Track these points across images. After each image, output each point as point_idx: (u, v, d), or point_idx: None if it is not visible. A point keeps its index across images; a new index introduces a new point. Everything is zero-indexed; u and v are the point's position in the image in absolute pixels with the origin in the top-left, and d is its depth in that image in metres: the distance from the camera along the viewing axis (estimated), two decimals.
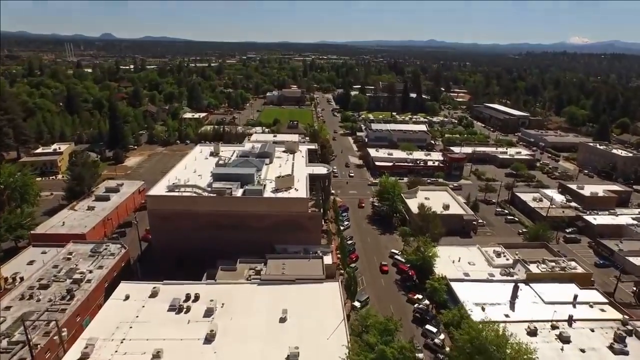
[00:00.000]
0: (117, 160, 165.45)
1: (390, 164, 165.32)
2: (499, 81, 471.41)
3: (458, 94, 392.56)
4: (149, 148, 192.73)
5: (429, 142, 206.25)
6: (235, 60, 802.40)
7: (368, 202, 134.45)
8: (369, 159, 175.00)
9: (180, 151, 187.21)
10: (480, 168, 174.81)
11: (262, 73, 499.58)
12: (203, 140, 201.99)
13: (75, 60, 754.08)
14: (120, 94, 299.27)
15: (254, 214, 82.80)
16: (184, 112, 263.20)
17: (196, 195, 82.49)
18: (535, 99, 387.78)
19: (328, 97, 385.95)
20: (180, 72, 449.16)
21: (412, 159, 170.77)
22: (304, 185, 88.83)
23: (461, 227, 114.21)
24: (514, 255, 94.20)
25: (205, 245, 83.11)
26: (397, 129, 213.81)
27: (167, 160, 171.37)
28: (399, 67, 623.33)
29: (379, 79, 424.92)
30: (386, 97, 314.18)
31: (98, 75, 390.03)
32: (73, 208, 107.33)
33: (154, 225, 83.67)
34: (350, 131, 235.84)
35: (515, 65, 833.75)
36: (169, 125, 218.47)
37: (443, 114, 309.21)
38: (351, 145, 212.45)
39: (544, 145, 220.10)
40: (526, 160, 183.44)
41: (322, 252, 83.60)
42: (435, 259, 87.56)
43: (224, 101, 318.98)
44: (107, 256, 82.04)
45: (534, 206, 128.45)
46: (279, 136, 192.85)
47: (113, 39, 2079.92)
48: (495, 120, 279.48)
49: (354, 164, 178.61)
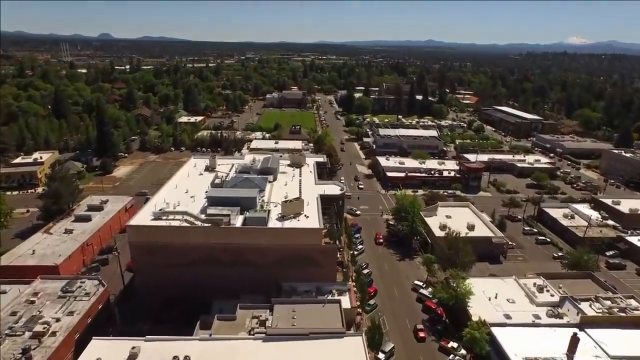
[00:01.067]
0: (105, 171, 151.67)
1: (402, 174, 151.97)
2: (504, 82, 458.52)
3: (464, 96, 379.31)
4: (141, 156, 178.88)
5: (441, 148, 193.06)
6: (233, 61, 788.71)
7: (381, 219, 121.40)
8: (378, 169, 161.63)
9: (174, 159, 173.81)
10: (498, 178, 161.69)
11: (262, 74, 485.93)
12: (199, 147, 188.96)
13: (72, 60, 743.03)
14: (114, 95, 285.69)
15: (257, 247, 69.41)
16: (180, 116, 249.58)
17: (187, 226, 68.94)
18: (543, 101, 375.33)
19: (330, 99, 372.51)
20: (177, 73, 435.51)
21: (426, 168, 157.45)
22: (316, 210, 75.35)
23: (489, 250, 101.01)
24: (558, 288, 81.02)
25: (198, 282, 69.86)
26: (406, 135, 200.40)
27: (160, 170, 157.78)
28: (400, 68, 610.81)
29: (382, 80, 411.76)
30: (392, 99, 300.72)
31: (92, 75, 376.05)
32: (48, 231, 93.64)
33: (137, 260, 70.07)
34: (355, 136, 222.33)
35: (517, 65, 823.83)
36: (163, 130, 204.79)
37: (451, 117, 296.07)
38: (358, 152, 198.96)
39: (561, 151, 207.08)
40: (546, 169, 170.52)
41: (337, 291, 70.26)
42: (470, 298, 74.33)
43: (222, 103, 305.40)
44: (81, 297, 68.44)
45: (567, 225, 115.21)
46: (281, 143, 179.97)
47: (111, 39, 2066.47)
48: (506, 124, 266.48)
49: (362, 173, 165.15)
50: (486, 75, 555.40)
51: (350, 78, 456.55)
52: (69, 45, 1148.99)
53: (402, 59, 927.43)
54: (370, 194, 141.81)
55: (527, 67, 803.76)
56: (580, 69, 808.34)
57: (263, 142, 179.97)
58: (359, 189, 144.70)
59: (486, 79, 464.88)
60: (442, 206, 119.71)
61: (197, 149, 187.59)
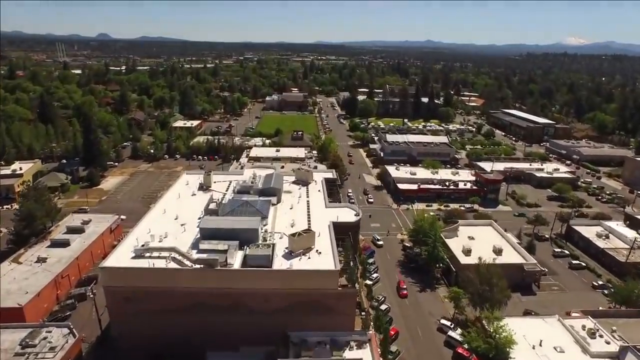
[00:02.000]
0: (92, 182, 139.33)
1: (414, 186, 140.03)
2: (509, 84, 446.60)
3: (470, 98, 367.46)
4: (132, 164, 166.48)
5: (453, 156, 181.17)
6: (232, 61, 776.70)
7: (395, 239, 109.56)
8: (388, 179, 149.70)
9: (167, 169, 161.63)
10: (516, 189, 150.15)
11: (261, 75, 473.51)
12: (195, 154, 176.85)
13: (68, 60, 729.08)
14: (107, 98, 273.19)
15: (260, 293, 57.35)
16: (175, 120, 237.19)
17: (174, 268, 56.80)
18: (550, 103, 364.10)
19: (332, 101, 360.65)
20: (174, 74, 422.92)
21: (440, 179, 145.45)
22: (329, 244, 63.20)
23: (521, 279, 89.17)
24: (612, 332, 69.30)
25: (188, 333, 57.90)
26: (416, 141, 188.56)
27: (151, 182, 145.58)
28: (402, 69, 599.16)
29: (385, 81, 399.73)
30: (397, 102, 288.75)
31: (85, 77, 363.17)
32: (17, 260, 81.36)
33: (114, 308, 57.85)
34: (360, 142, 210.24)
35: (518, 66, 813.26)
36: (156, 136, 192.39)
37: (458, 120, 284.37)
38: (364, 160, 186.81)
39: (578, 158, 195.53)
40: (567, 179, 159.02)
41: (356, 342, 58.32)
42: (512, 347, 62.53)
43: (220, 106, 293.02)
44: (45, 353, 56.32)
45: (604, 247, 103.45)
46: (282, 150, 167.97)
47: (109, 39, 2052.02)
48: (516, 129, 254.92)
49: (370, 184, 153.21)
50: (489, 77, 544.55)
51: (352, 79, 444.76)
52: (66, 45, 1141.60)
53: (402, 60, 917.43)
54: (381, 209, 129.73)
55: (528, 67, 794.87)
56: (582, 70, 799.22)
57: (263, 150, 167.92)
58: (369, 203, 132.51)
59: (491, 81, 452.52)
60: (463, 224, 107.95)
61: (192, 156, 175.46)
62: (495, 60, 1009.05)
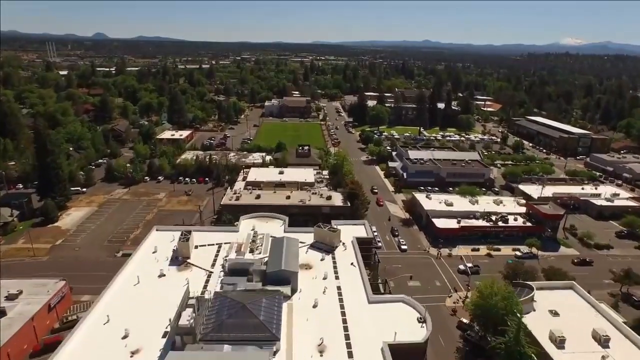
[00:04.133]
0: (47, 218, 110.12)
1: (454, 223, 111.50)
2: (517, 85, 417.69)
3: (485, 103, 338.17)
4: (105, 189, 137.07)
5: (488, 177, 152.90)
6: (229, 62, 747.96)
7: (444, 308, 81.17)
8: (419, 211, 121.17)
9: (147, 196, 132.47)
10: (573, 220, 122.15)
11: (259, 76, 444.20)
12: (182, 176, 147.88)
13: (58, 60, 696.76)
14: (87, 104, 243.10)
15: None
16: (162, 130, 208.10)
17: None
18: (570, 108, 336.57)
19: (336, 106, 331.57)
20: (166, 76, 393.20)
21: (483, 212, 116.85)
22: None
23: None
24: None
25: None
26: (443, 159, 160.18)
27: (125, 216, 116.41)
28: (408, 70, 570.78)
29: (393, 84, 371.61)
30: (413, 108, 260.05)
31: (68, 79, 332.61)
32: None
33: None
34: (375, 157, 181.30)
35: (521, 66, 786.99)
36: (138, 151, 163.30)
37: (480, 130, 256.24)
38: (382, 180, 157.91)
39: (630, 177, 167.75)
40: (631, 207, 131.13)
41: None
42: None
43: (214, 112, 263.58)
44: None
45: None
46: (287, 172, 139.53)
47: (105, 38, 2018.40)
48: (545, 139, 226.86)
49: (396, 216, 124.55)
50: (497, 78, 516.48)
51: (357, 82, 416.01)
52: (60, 44, 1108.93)
53: (402, 60, 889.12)
54: (418, 258, 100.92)
55: (530, 68, 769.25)
56: (585, 71, 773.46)
57: (263, 172, 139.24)
58: (402, 251, 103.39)
59: (505, 83, 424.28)
60: (539, 288, 79.39)
61: (178, 178, 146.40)
62: (495, 61, 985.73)
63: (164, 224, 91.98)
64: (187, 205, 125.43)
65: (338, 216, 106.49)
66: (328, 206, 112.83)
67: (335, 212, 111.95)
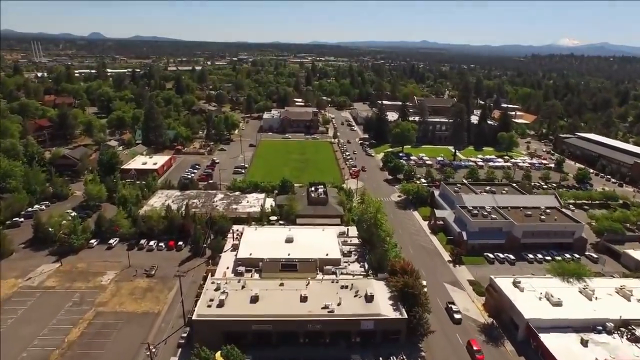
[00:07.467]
0: None
1: (575, 341, 66.90)
2: (535, 91, 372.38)
3: (515, 113, 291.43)
4: (24, 264, 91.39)
5: (579, 236, 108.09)
6: (225, 62, 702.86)
7: None
8: (509, 316, 76.39)
9: (85, 279, 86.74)
10: None
11: (256, 80, 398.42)
12: (145, 238, 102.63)
13: (44, 60, 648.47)
14: (42, 121, 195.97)
15: None
16: (133, 155, 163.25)
17: None
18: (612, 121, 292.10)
19: (346, 117, 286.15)
20: (151, 80, 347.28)
21: (617, 321, 72.29)
22: None
23: None
24: None
25: None
26: (510, 206, 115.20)
27: (38, 325, 70.41)
28: (418, 74, 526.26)
29: (411, 92, 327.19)
30: (447, 123, 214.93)
31: (34, 85, 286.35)
32: None
33: None
34: (412, 197, 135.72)
35: (526, 68, 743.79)
36: (89, 193, 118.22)
37: (524, 151, 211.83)
38: (427, 237, 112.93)
39: None
40: None
41: None
42: None
43: (203, 127, 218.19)
44: None
45: None
46: (297, 236, 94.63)
47: (101, 38, 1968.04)
48: (610, 164, 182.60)
49: (468, 316, 79.67)
50: (512, 82, 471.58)
51: (366, 87, 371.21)
52: (52, 44, 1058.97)
53: (403, 61, 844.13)
54: None
55: (535, 69, 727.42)
56: (593, 73, 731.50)
57: (263, 236, 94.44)
58: None
59: (534, 90, 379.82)
60: None
61: (139, 241, 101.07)
62: (498, 62, 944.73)
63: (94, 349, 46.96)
64: (144, 300, 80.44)
65: (387, 336, 63.19)
66: (371, 319, 68.26)
67: (382, 327, 67.86)
